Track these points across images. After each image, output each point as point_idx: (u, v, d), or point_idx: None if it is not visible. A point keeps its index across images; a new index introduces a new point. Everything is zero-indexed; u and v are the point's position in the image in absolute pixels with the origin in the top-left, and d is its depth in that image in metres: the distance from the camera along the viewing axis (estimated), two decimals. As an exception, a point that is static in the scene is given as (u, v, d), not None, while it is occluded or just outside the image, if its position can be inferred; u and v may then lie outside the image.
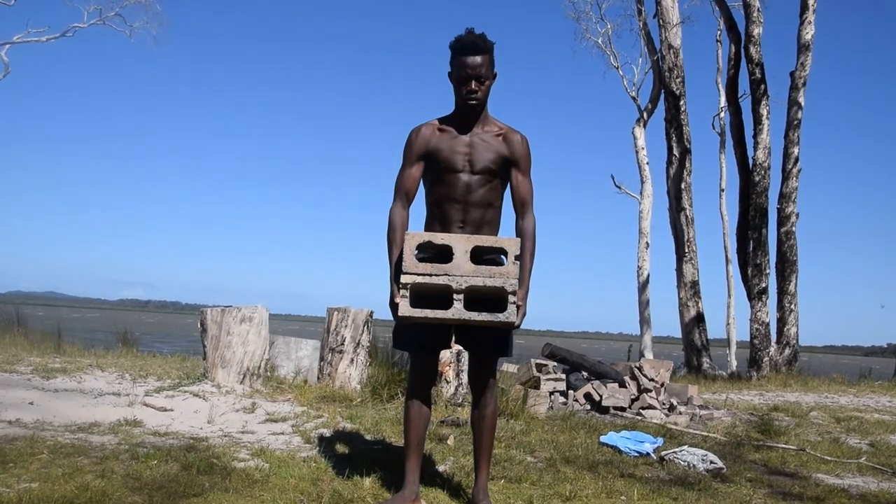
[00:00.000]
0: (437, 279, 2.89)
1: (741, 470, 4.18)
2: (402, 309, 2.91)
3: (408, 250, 2.92)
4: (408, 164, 3.19)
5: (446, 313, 2.90)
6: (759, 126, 12.50)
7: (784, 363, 11.87)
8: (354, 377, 5.95)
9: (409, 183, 3.18)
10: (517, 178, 3.17)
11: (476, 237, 2.98)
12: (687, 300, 13.57)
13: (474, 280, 2.89)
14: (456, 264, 2.90)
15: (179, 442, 4.01)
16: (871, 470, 4.44)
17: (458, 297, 2.89)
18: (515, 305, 2.91)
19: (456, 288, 2.89)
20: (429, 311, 2.91)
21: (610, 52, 20.56)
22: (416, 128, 3.19)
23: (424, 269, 2.90)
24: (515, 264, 2.91)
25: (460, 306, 2.89)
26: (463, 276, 2.89)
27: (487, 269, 2.91)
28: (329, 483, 3.30)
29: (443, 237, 2.97)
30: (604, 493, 3.47)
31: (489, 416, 3.20)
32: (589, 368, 6.49)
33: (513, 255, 2.92)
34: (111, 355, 8.26)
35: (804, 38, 12.26)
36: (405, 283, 2.90)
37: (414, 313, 2.91)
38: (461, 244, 2.93)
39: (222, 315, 5.80)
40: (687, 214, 13.75)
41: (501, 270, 2.90)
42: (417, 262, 2.91)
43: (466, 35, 3.09)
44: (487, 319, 2.91)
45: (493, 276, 2.89)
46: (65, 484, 3.04)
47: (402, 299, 2.91)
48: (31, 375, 5.94)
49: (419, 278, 2.90)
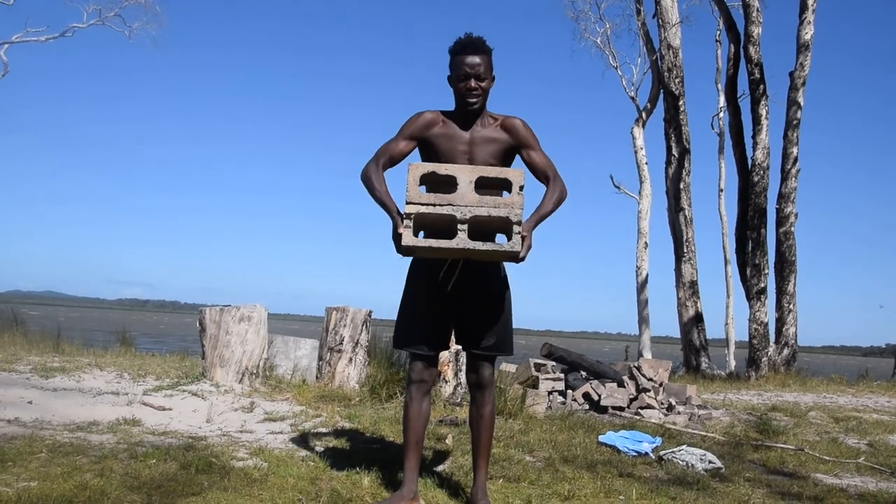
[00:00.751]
0: (440, 209, 2.83)
1: (740, 470, 4.18)
2: (405, 239, 2.84)
3: (411, 181, 2.85)
4: (399, 137, 3.16)
5: (450, 243, 2.83)
6: (758, 126, 12.50)
7: (783, 363, 11.88)
8: (353, 376, 5.95)
9: (394, 151, 3.14)
10: (531, 157, 3.15)
11: (481, 167, 2.93)
12: (686, 300, 13.58)
13: (479, 210, 2.83)
14: (460, 194, 2.84)
15: (178, 441, 4.01)
16: (870, 470, 4.44)
17: (463, 228, 2.83)
18: (520, 236, 2.85)
19: (460, 218, 2.82)
20: (433, 241, 2.85)
21: (609, 51, 20.56)
22: (420, 111, 3.18)
23: (428, 199, 2.83)
24: (520, 195, 2.85)
25: (464, 236, 2.82)
26: (467, 206, 2.83)
27: (492, 199, 2.85)
28: (328, 482, 3.30)
29: (447, 167, 2.91)
30: (602, 492, 3.47)
31: (488, 415, 3.20)
32: (587, 368, 6.49)
33: (517, 186, 2.87)
34: (110, 354, 8.26)
35: (803, 38, 12.27)
36: (409, 214, 2.83)
37: (417, 243, 2.85)
38: (465, 174, 2.87)
39: (221, 314, 5.80)
40: (686, 214, 13.76)
41: (506, 200, 2.84)
42: (421, 193, 2.85)
43: (466, 37, 3.10)
44: (492, 248, 2.85)
45: (498, 207, 2.83)
46: (64, 483, 3.04)
47: (406, 230, 2.84)
48: (30, 374, 5.94)
49: (423, 208, 2.83)
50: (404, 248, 2.88)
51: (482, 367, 3.19)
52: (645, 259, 17.61)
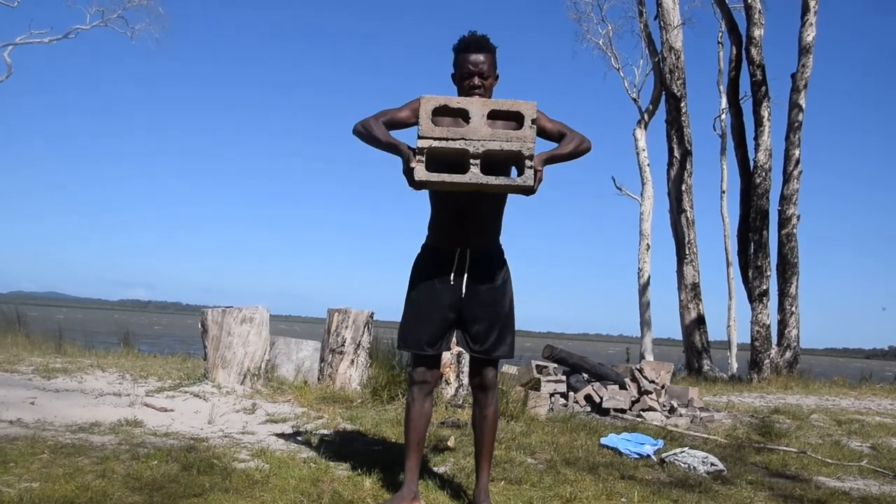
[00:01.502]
0: (453, 143, 2.81)
1: (742, 472, 4.17)
2: (417, 173, 2.81)
3: (423, 114, 2.83)
4: (404, 108, 3.10)
5: (463, 177, 2.81)
6: (760, 128, 12.50)
7: (785, 365, 11.87)
8: (355, 378, 5.95)
9: (395, 116, 3.08)
10: (543, 126, 3.08)
11: (493, 101, 2.91)
12: (687, 302, 13.57)
13: (491, 144, 2.81)
14: (472, 128, 2.83)
15: (180, 442, 4.01)
16: (873, 473, 4.43)
17: (475, 162, 2.81)
18: (533, 170, 2.84)
19: (473, 152, 2.81)
20: (446, 175, 2.82)
21: (611, 53, 20.58)
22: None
23: (440, 133, 2.81)
24: (532, 128, 2.84)
25: (477, 170, 2.81)
26: (480, 140, 2.81)
27: (504, 132, 2.83)
28: (329, 484, 3.30)
29: (459, 101, 2.89)
30: (604, 494, 3.47)
31: (490, 417, 3.20)
32: (589, 370, 6.49)
33: (529, 119, 2.85)
34: (112, 356, 8.27)
35: (805, 41, 12.26)
36: (421, 148, 2.81)
37: (430, 177, 2.82)
38: (477, 107, 2.85)
39: (223, 316, 5.80)
40: (688, 216, 13.75)
41: (518, 134, 2.83)
42: (433, 126, 2.83)
43: (470, 36, 3.10)
44: (505, 182, 2.83)
45: (511, 140, 2.81)
46: (65, 484, 3.04)
47: (419, 164, 2.81)
48: (33, 375, 5.94)
49: (435, 142, 2.81)
50: (417, 182, 2.84)
51: (485, 369, 3.19)
52: (647, 261, 17.60)
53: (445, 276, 3.09)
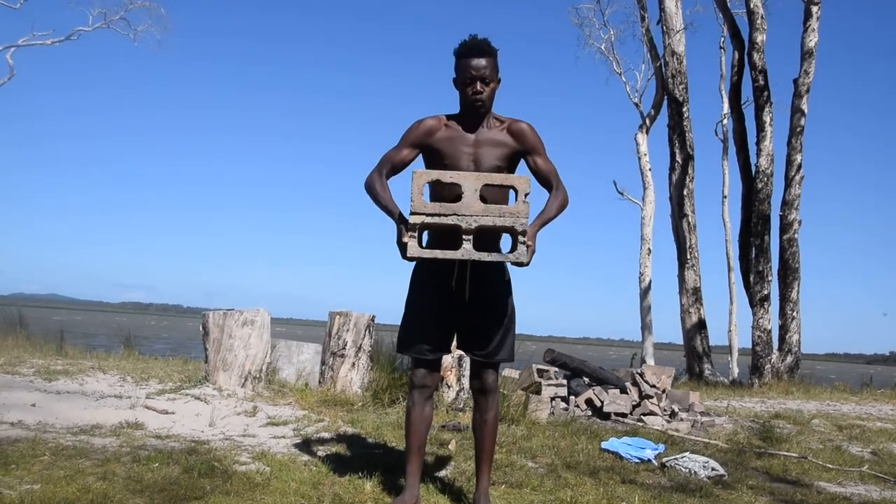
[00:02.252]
0: (445, 219, 2.83)
1: (743, 477, 4.17)
2: (410, 249, 2.85)
3: (416, 189, 2.85)
4: (401, 146, 3.16)
5: (455, 253, 2.84)
6: (761, 133, 12.50)
7: (786, 370, 11.85)
8: (356, 381, 5.95)
9: (395, 159, 3.15)
10: (536, 162, 3.15)
11: (486, 175, 2.92)
12: (689, 307, 13.56)
13: (484, 220, 2.83)
14: (465, 203, 2.84)
15: (181, 445, 4.01)
16: (874, 478, 4.42)
17: (468, 238, 2.83)
18: (525, 245, 2.86)
19: (465, 228, 2.83)
20: (438, 252, 2.86)
21: (613, 58, 20.55)
22: (421, 118, 3.18)
23: (433, 209, 2.83)
24: (526, 203, 2.85)
25: (469, 246, 2.83)
26: (472, 216, 2.83)
27: (497, 207, 2.85)
28: (330, 487, 3.30)
29: (451, 175, 2.90)
30: (605, 499, 3.46)
31: (491, 420, 3.20)
32: (590, 374, 6.49)
33: (522, 194, 2.87)
34: (113, 358, 8.27)
35: (807, 46, 12.28)
36: (413, 224, 2.83)
37: (423, 253, 2.86)
38: (470, 182, 2.86)
39: (224, 318, 5.80)
40: (689, 221, 13.75)
41: (511, 209, 2.85)
42: (426, 202, 2.85)
43: (471, 40, 3.10)
44: (497, 258, 2.86)
45: (504, 216, 2.84)
46: (66, 486, 3.05)
47: (411, 239, 2.84)
48: (34, 377, 5.94)
49: (427, 218, 2.83)
50: (409, 257, 2.89)
51: (486, 372, 3.19)
52: (648, 265, 17.58)
53: (446, 280, 3.09)
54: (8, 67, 21.11)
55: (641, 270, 17.60)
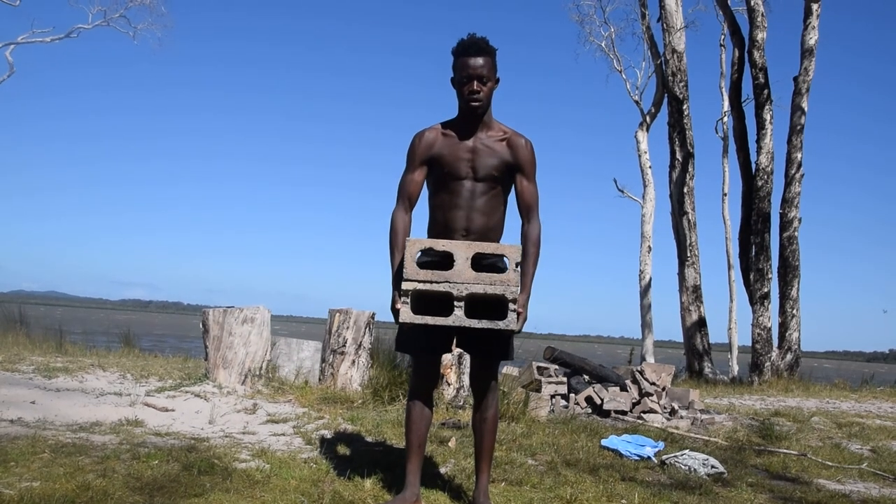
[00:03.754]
0: (437, 286, 2.91)
1: (742, 474, 4.17)
2: (402, 315, 2.93)
3: (409, 257, 2.94)
4: (411, 169, 3.18)
5: (447, 320, 2.91)
6: (762, 131, 12.50)
7: (786, 368, 11.86)
8: (356, 379, 5.95)
9: (411, 187, 3.18)
10: (522, 184, 3.16)
11: (477, 244, 2.99)
12: (689, 304, 13.56)
13: (475, 287, 2.90)
14: (457, 271, 2.92)
15: (181, 442, 4.01)
16: (873, 476, 4.43)
17: (459, 305, 2.90)
18: (516, 313, 2.92)
19: (457, 295, 2.90)
20: (429, 318, 2.93)
21: (613, 55, 20.54)
22: (419, 132, 3.18)
23: (425, 276, 2.92)
24: (516, 272, 2.93)
25: (461, 313, 2.90)
26: (464, 283, 2.90)
27: (488, 276, 2.92)
28: (330, 484, 3.30)
29: (444, 244, 2.98)
30: (604, 496, 3.47)
31: (490, 418, 3.20)
32: (590, 372, 6.49)
33: (514, 263, 2.94)
34: (113, 355, 8.27)
35: (808, 44, 12.27)
36: (406, 291, 2.91)
37: (415, 320, 2.93)
38: (462, 251, 2.94)
39: (224, 316, 5.80)
40: (689, 218, 13.75)
41: (502, 278, 2.92)
42: (418, 269, 2.93)
43: (469, 38, 3.08)
44: (488, 327, 2.92)
45: (494, 284, 2.91)
46: (66, 483, 3.05)
47: (404, 305, 2.93)
48: (33, 375, 5.95)
49: (420, 285, 2.91)
50: (402, 323, 2.96)
51: (486, 370, 3.19)
52: (648, 263, 17.58)
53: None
54: (8, 65, 21.12)
55: (641, 268, 17.60)
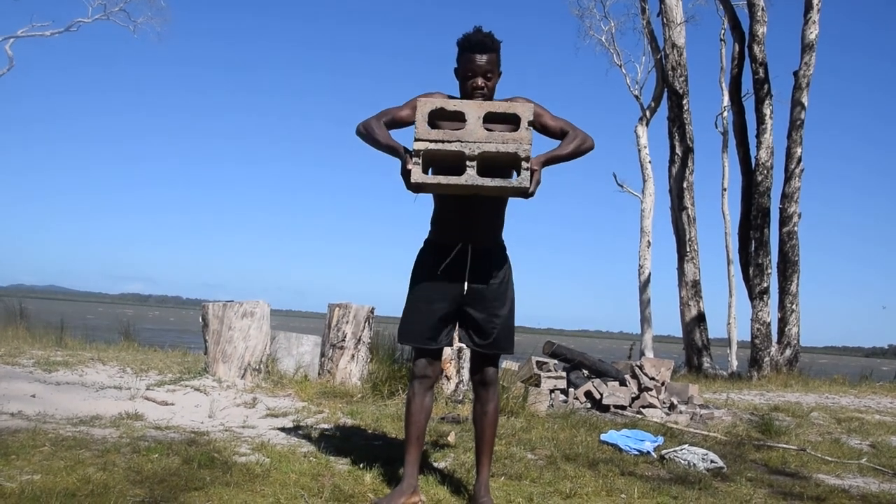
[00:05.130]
0: (449, 146, 2.83)
1: (741, 469, 4.18)
2: (414, 175, 2.83)
3: (420, 117, 2.85)
4: (405, 107, 3.11)
5: (459, 179, 2.83)
6: (762, 126, 12.49)
7: (785, 363, 11.88)
8: (355, 373, 5.96)
9: (397, 114, 3.10)
10: (544, 122, 3.10)
11: (489, 102, 2.92)
12: (688, 299, 13.57)
13: (487, 146, 2.82)
14: (469, 130, 2.84)
15: (180, 436, 4.02)
16: (872, 471, 4.44)
17: (472, 164, 2.82)
18: (530, 171, 2.84)
19: (469, 154, 2.82)
20: (441, 178, 2.84)
21: (613, 49, 20.55)
22: (431, 92, 3.16)
23: (437, 136, 2.83)
24: (529, 130, 2.84)
25: (473, 172, 2.82)
26: (476, 143, 2.82)
27: (500, 134, 2.84)
28: (329, 478, 3.30)
29: (455, 103, 2.90)
30: (604, 490, 3.47)
31: (491, 412, 3.20)
32: (590, 367, 6.50)
33: (525, 121, 2.85)
34: (112, 349, 8.28)
35: (808, 38, 12.24)
36: (418, 150, 2.83)
37: (427, 179, 2.85)
38: (473, 110, 2.86)
39: (224, 310, 5.80)
40: (689, 213, 13.75)
41: (514, 136, 2.84)
42: (429, 129, 2.85)
43: (475, 33, 3.08)
44: (501, 184, 2.84)
45: (507, 142, 2.82)
46: (67, 476, 3.05)
47: (415, 166, 2.84)
48: (33, 368, 5.95)
49: (431, 145, 2.83)
50: (413, 184, 2.87)
51: (486, 365, 3.19)
52: (647, 258, 17.59)
53: (447, 272, 3.09)
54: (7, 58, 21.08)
55: (641, 263, 17.61)
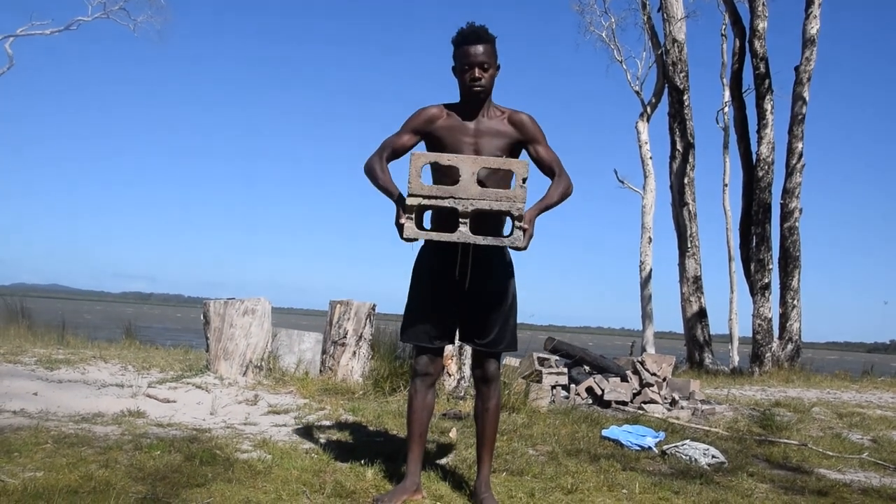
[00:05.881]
0: (442, 202, 2.84)
1: (743, 464, 4.18)
2: (407, 230, 2.86)
3: (413, 171, 2.86)
4: (402, 131, 3.17)
5: (451, 236, 2.85)
6: (762, 121, 12.46)
7: (786, 359, 11.87)
8: (357, 370, 5.96)
9: (396, 144, 3.16)
10: (538, 152, 3.15)
11: (483, 158, 2.93)
12: (689, 295, 13.56)
13: (480, 203, 2.83)
14: (462, 186, 2.85)
15: (182, 433, 4.02)
16: (874, 465, 4.44)
17: (464, 221, 2.84)
18: (522, 229, 2.86)
19: (462, 211, 2.83)
20: (434, 234, 2.87)
21: (614, 45, 20.46)
22: (424, 107, 3.18)
23: (430, 191, 2.84)
24: (523, 188, 2.85)
25: (466, 230, 2.84)
26: (469, 199, 2.83)
27: (494, 192, 2.85)
28: (331, 474, 3.31)
29: (449, 158, 2.91)
30: (605, 486, 3.48)
31: (492, 409, 3.21)
32: (591, 363, 6.50)
33: (520, 178, 2.87)
34: (114, 347, 8.29)
35: (809, 33, 12.21)
36: (411, 206, 2.85)
37: (419, 234, 2.87)
38: (468, 166, 2.87)
39: (225, 307, 5.81)
40: (690, 209, 13.73)
41: (508, 194, 2.85)
42: (423, 184, 2.86)
43: (468, 27, 3.08)
44: (493, 243, 2.87)
45: (500, 200, 2.84)
46: (69, 473, 3.06)
47: (408, 220, 2.86)
48: (35, 366, 5.95)
49: (425, 200, 2.84)
50: (406, 238, 2.90)
51: (487, 362, 3.19)
52: (649, 254, 17.57)
53: (448, 270, 3.09)
54: (7, 57, 21.07)
55: (642, 259, 17.59)
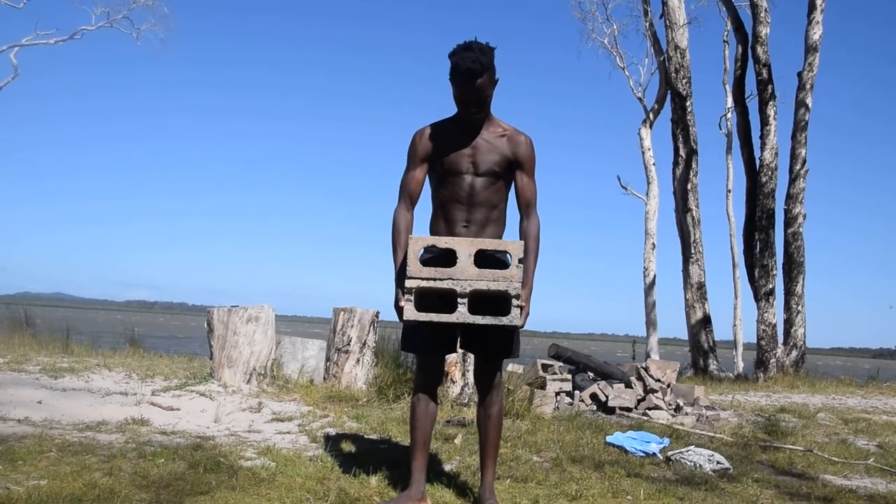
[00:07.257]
0: (440, 283, 2.91)
1: (748, 470, 4.17)
2: (406, 313, 2.94)
3: (412, 254, 2.94)
4: (411, 167, 3.19)
5: (450, 317, 2.92)
6: (766, 127, 12.46)
7: (791, 364, 11.83)
8: (360, 377, 5.96)
9: (412, 185, 3.19)
10: (522, 180, 3.17)
11: (480, 241, 3.00)
12: (693, 302, 13.54)
13: (478, 284, 2.91)
14: (460, 268, 2.92)
15: (186, 441, 4.02)
16: (879, 471, 4.42)
17: (463, 301, 2.91)
18: (519, 308, 2.93)
19: (460, 292, 2.91)
20: (433, 315, 2.93)
21: (616, 52, 20.47)
22: (419, 130, 3.19)
23: (428, 274, 2.92)
24: (519, 268, 2.93)
25: (464, 310, 2.91)
26: (467, 280, 2.91)
27: (491, 272, 2.92)
28: (335, 482, 3.31)
29: (447, 241, 2.99)
30: (610, 492, 3.47)
31: (495, 415, 3.20)
32: (595, 369, 6.48)
33: (516, 259, 2.95)
34: (118, 355, 8.30)
35: (812, 39, 12.22)
36: (409, 288, 2.92)
37: (419, 317, 2.94)
38: (465, 248, 2.94)
39: (229, 315, 5.82)
40: (693, 215, 13.73)
41: (505, 274, 2.92)
42: (421, 267, 2.94)
43: (463, 58, 2.97)
44: (491, 323, 2.93)
45: (497, 280, 2.91)
46: (73, 481, 3.06)
47: (407, 303, 2.94)
48: (40, 375, 5.97)
49: (423, 282, 2.92)
50: (406, 321, 2.96)
51: (489, 369, 3.19)
52: (652, 260, 17.55)
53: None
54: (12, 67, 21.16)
55: (646, 265, 17.57)
